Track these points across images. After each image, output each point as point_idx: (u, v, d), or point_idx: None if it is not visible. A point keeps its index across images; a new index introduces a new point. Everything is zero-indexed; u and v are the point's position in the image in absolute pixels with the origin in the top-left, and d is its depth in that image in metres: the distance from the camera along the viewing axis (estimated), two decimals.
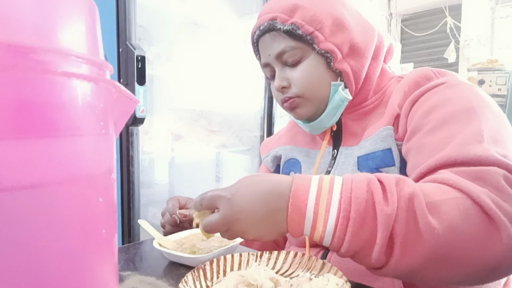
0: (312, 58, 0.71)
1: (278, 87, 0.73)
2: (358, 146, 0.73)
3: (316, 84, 0.72)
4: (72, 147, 0.23)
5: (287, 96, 0.74)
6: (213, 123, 2.06)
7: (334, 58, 0.70)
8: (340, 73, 0.71)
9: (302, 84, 0.71)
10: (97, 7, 0.27)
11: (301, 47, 0.70)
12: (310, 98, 0.73)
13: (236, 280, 0.42)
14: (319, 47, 0.69)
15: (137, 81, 1.37)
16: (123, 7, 1.38)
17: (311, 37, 0.69)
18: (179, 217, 0.70)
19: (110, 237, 0.28)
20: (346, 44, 0.70)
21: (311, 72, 0.71)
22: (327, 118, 0.75)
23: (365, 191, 0.47)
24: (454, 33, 3.53)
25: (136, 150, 1.47)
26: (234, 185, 0.52)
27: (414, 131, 0.62)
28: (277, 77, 0.73)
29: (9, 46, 0.20)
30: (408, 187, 0.47)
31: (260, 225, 0.49)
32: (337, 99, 0.72)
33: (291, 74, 0.73)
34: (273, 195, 0.49)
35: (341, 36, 0.70)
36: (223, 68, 1.96)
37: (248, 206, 0.49)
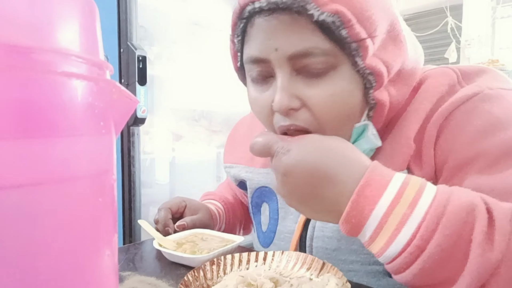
0: (347, 75, 0.46)
1: (283, 107, 0.45)
2: None
3: (345, 116, 0.47)
4: (72, 147, 0.23)
5: (293, 125, 0.47)
6: (214, 123, 2.06)
7: (378, 83, 0.46)
8: (373, 106, 0.48)
9: (327, 111, 0.46)
10: (97, 7, 0.27)
11: (336, 55, 0.45)
12: (332, 133, 0.46)
13: (236, 280, 0.42)
14: (364, 64, 0.45)
15: (138, 81, 1.38)
16: (124, 8, 1.38)
17: (358, 46, 0.44)
18: (174, 228, 0.67)
19: (110, 237, 0.28)
20: (397, 65, 0.48)
21: (343, 96, 0.46)
22: None
23: (462, 221, 0.34)
24: (455, 33, 3.53)
25: (137, 150, 1.47)
26: (295, 140, 0.42)
27: (458, 168, 0.46)
28: (281, 90, 0.46)
29: (9, 46, 0.20)
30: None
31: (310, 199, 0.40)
32: (366, 148, 0.50)
33: (308, 92, 0.46)
34: (330, 178, 0.39)
35: (393, 52, 0.47)
36: (224, 68, 1.96)
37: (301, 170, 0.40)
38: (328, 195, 0.39)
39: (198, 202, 0.77)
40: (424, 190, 0.37)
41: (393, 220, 0.36)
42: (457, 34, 3.55)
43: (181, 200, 0.73)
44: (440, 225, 0.34)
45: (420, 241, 0.34)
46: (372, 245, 0.38)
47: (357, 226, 0.38)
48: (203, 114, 2.06)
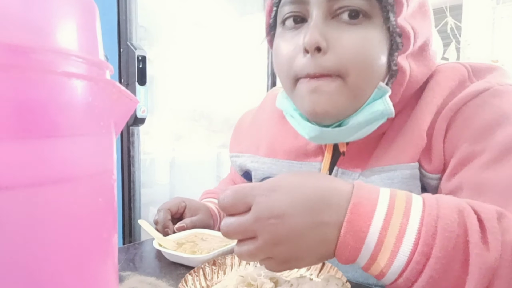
0: (379, 29, 0.47)
1: (312, 43, 0.46)
2: (363, 175, 0.53)
3: (370, 66, 0.47)
4: (72, 147, 0.23)
5: (318, 68, 0.47)
6: (214, 123, 2.06)
7: (404, 47, 0.48)
8: (394, 74, 0.49)
9: (353, 57, 0.46)
10: (97, 7, 0.27)
11: (373, 5, 0.46)
12: (355, 85, 0.47)
13: (236, 280, 0.42)
14: (396, 23, 0.46)
15: (138, 81, 1.38)
16: (124, 8, 1.38)
17: (394, 2, 0.46)
18: (173, 230, 0.67)
19: (110, 237, 0.28)
20: (421, 38, 0.49)
21: (372, 45, 0.47)
22: (350, 132, 0.51)
23: (456, 223, 0.34)
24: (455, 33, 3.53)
25: (137, 150, 1.47)
26: (269, 183, 0.38)
27: (463, 162, 0.46)
28: (314, 28, 0.46)
29: (9, 46, 0.20)
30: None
31: (302, 238, 0.36)
32: (379, 110, 0.49)
33: (339, 34, 0.46)
34: (323, 204, 0.36)
35: (422, 24, 0.49)
36: (223, 68, 1.97)
37: (289, 209, 0.36)
38: (328, 220, 0.36)
39: (198, 202, 0.76)
40: (411, 199, 0.37)
41: (392, 232, 0.35)
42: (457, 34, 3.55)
43: (181, 200, 0.72)
44: (438, 228, 0.34)
45: (424, 247, 0.34)
46: (374, 265, 0.36)
47: (354, 249, 0.36)
48: (203, 114, 2.06)
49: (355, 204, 0.36)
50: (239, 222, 0.37)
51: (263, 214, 0.36)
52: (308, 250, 0.37)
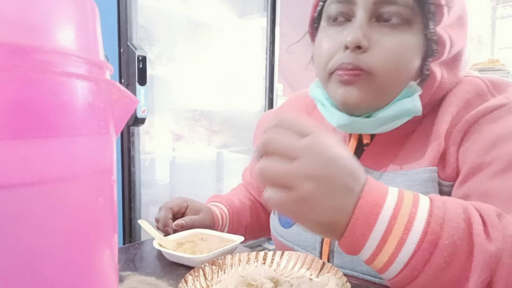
0: (417, 36, 0.50)
1: (354, 41, 0.49)
2: (385, 176, 0.55)
3: (402, 68, 0.51)
4: (72, 147, 0.23)
5: (353, 63, 0.51)
6: (214, 123, 2.06)
7: (439, 54, 0.51)
8: (425, 78, 0.52)
9: (389, 58, 0.50)
10: (97, 6, 0.27)
11: (415, 12, 0.50)
12: (383, 84, 0.51)
13: (236, 280, 0.42)
14: (435, 30, 0.50)
15: (138, 81, 1.38)
16: (124, 7, 1.38)
17: (435, 11, 0.49)
18: (173, 228, 0.67)
19: (110, 237, 0.28)
20: (456, 47, 0.52)
21: (408, 50, 0.50)
22: (377, 123, 0.54)
23: (461, 216, 0.36)
24: None
25: (137, 150, 1.47)
26: (323, 136, 0.38)
27: (472, 172, 0.48)
28: (358, 28, 0.50)
29: (9, 46, 0.20)
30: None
31: (331, 189, 0.36)
32: (407, 107, 0.52)
33: (379, 36, 0.50)
34: (346, 178, 0.37)
35: (459, 35, 0.52)
36: (224, 68, 1.97)
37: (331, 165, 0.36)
38: (343, 182, 0.37)
39: (201, 203, 0.76)
40: (418, 194, 0.39)
41: (401, 221, 0.36)
42: None
43: (183, 200, 0.73)
44: (445, 219, 0.35)
45: (433, 235, 0.35)
46: (379, 256, 0.36)
47: (361, 235, 0.36)
48: (203, 114, 2.06)
49: (367, 191, 0.37)
50: (287, 167, 0.36)
51: (315, 153, 0.36)
52: (328, 203, 0.36)
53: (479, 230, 0.35)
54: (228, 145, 2.06)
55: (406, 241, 0.35)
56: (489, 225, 0.36)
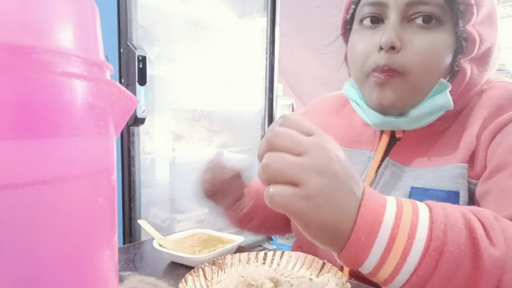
0: (448, 34, 0.52)
1: (389, 42, 0.51)
2: (414, 171, 0.56)
3: (434, 66, 0.53)
4: (72, 147, 0.23)
5: (387, 64, 0.53)
6: (214, 123, 2.06)
7: (468, 51, 0.52)
8: (455, 74, 0.54)
9: (422, 58, 0.52)
10: (97, 6, 0.27)
11: (445, 11, 0.52)
12: (416, 82, 0.53)
13: (236, 280, 0.42)
14: (464, 28, 0.51)
15: (138, 81, 1.38)
16: (124, 7, 1.38)
17: (464, 10, 0.51)
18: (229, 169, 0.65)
19: (110, 237, 0.28)
20: (485, 44, 0.54)
21: (439, 48, 0.52)
22: (412, 121, 0.56)
23: (461, 221, 0.35)
24: None
25: (137, 150, 1.47)
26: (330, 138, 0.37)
27: (496, 170, 0.50)
28: (391, 29, 0.52)
29: (9, 46, 0.20)
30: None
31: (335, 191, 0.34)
32: (439, 103, 0.54)
33: (412, 36, 0.52)
34: (351, 180, 0.36)
35: (488, 31, 0.54)
36: (224, 68, 1.97)
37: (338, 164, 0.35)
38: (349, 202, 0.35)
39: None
40: (416, 201, 0.38)
41: (404, 229, 0.34)
42: None
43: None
44: (447, 225, 0.34)
45: (437, 241, 0.34)
46: (383, 267, 0.35)
47: (363, 248, 0.35)
48: (203, 114, 2.06)
49: (366, 199, 0.36)
50: (294, 160, 0.34)
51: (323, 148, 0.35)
52: (335, 203, 0.34)
53: (482, 235, 0.34)
54: (228, 145, 2.06)
55: (411, 250, 0.34)
56: (490, 229, 0.35)
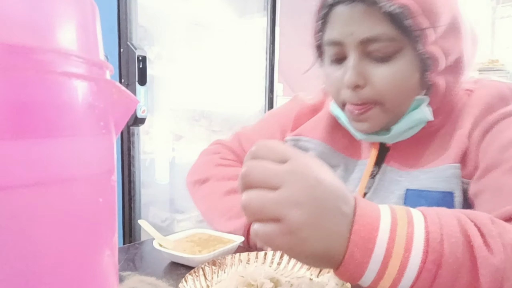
0: (408, 58, 0.53)
1: (352, 83, 0.54)
2: (410, 174, 0.58)
3: (402, 92, 0.54)
4: (72, 147, 0.23)
5: (359, 101, 0.55)
6: (214, 123, 2.06)
7: (434, 67, 0.53)
8: (430, 86, 0.55)
9: (387, 88, 0.54)
10: (97, 6, 0.27)
11: (400, 41, 0.52)
12: (390, 108, 0.55)
13: (236, 280, 0.42)
14: (424, 49, 0.52)
15: (138, 81, 1.38)
16: (124, 7, 1.38)
17: (420, 34, 0.51)
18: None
19: (110, 237, 0.28)
20: (454, 54, 0.54)
21: (402, 76, 0.53)
22: (394, 137, 0.59)
23: (458, 229, 0.34)
24: None
25: (137, 150, 1.47)
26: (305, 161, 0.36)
27: (489, 168, 0.50)
28: (352, 69, 0.54)
29: (9, 46, 0.20)
30: (511, 232, 0.35)
31: (319, 219, 0.33)
32: (417, 118, 0.56)
33: (373, 71, 0.54)
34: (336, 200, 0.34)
35: (453, 42, 0.54)
36: (224, 68, 1.97)
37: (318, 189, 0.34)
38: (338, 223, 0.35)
39: None
40: (410, 210, 0.37)
41: (400, 242, 0.34)
42: None
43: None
44: (444, 235, 0.34)
45: (434, 254, 0.33)
46: (381, 282, 0.34)
47: (360, 263, 0.34)
48: (203, 114, 2.06)
49: (359, 215, 0.35)
50: (270, 196, 0.33)
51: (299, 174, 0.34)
52: (321, 230, 0.33)
53: (479, 243, 0.34)
54: None
55: (408, 264, 0.33)
56: (487, 236, 0.34)
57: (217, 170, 0.74)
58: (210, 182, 0.72)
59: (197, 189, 0.74)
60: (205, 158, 0.79)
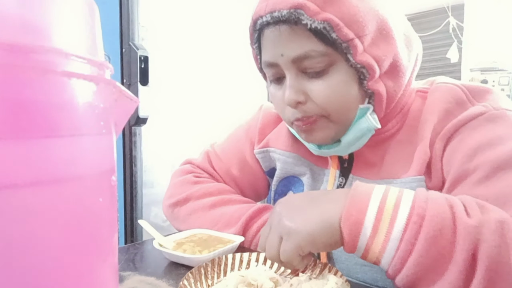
0: (343, 70, 0.54)
1: (291, 101, 0.55)
2: (377, 184, 0.58)
3: (343, 103, 0.55)
4: (72, 147, 0.23)
5: (304, 116, 0.56)
6: (215, 124, 2.06)
7: (370, 75, 0.53)
8: (371, 94, 0.55)
9: (326, 101, 0.54)
10: (97, 6, 0.27)
11: (331, 54, 0.52)
12: (335, 120, 0.56)
13: (236, 280, 0.42)
14: (355, 60, 0.52)
15: (140, 82, 1.38)
16: (126, 7, 1.39)
17: (348, 45, 0.51)
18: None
19: (110, 237, 0.28)
20: (388, 59, 0.54)
21: (340, 88, 0.54)
22: (345, 147, 0.60)
23: (444, 201, 0.39)
24: (457, 33, 3.52)
25: (138, 150, 1.47)
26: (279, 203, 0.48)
27: (457, 180, 0.50)
28: (290, 87, 0.55)
29: (9, 46, 0.20)
30: (495, 212, 0.38)
31: (312, 222, 0.42)
32: (364, 127, 0.56)
33: (311, 87, 0.54)
34: (325, 197, 0.44)
35: (384, 48, 0.53)
36: (225, 69, 1.97)
37: (293, 209, 0.45)
38: (323, 206, 0.43)
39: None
40: (404, 190, 0.42)
41: (390, 202, 0.40)
42: (458, 34, 3.54)
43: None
44: (429, 199, 0.39)
45: (419, 209, 0.38)
46: (376, 236, 0.39)
47: (356, 224, 0.40)
48: (204, 115, 2.06)
49: (352, 195, 0.42)
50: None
51: (276, 210, 0.46)
52: (321, 234, 0.42)
53: (460, 209, 0.38)
54: None
55: (397, 217, 0.39)
56: (468, 207, 0.39)
57: (195, 188, 0.73)
58: (192, 201, 0.72)
59: (178, 210, 0.73)
60: (179, 179, 0.78)
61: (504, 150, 0.47)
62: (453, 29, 3.55)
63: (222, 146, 0.83)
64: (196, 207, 0.70)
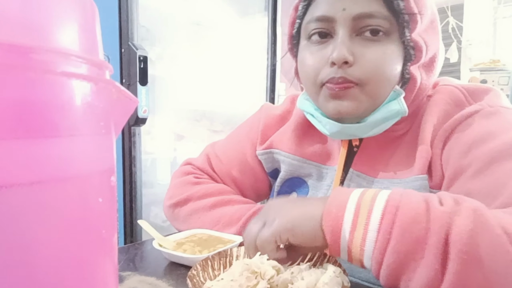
0: (396, 44, 0.54)
1: (341, 58, 0.52)
2: (380, 183, 0.59)
3: (387, 77, 0.54)
4: (72, 147, 0.23)
5: (341, 77, 0.54)
6: (216, 123, 2.06)
7: (416, 58, 0.54)
8: (406, 81, 0.56)
9: (374, 68, 0.53)
10: (97, 6, 0.27)
11: (391, 23, 0.53)
12: (372, 92, 0.55)
13: (241, 267, 0.43)
14: (410, 37, 0.53)
15: (140, 82, 1.38)
16: (125, 7, 1.38)
17: (409, 20, 0.52)
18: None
19: (110, 237, 0.28)
20: (431, 50, 0.55)
21: (390, 59, 0.54)
22: (369, 127, 0.58)
23: (420, 195, 0.41)
24: (456, 33, 3.52)
25: (138, 150, 1.47)
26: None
27: (454, 176, 0.51)
28: (342, 44, 0.53)
29: (9, 46, 0.20)
30: (469, 202, 0.39)
31: (294, 212, 0.45)
32: (394, 109, 0.56)
33: (364, 50, 0.53)
34: (309, 200, 0.48)
35: (432, 37, 0.55)
36: (225, 68, 1.97)
37: (281, 205, 0.47)
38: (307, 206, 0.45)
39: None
40: (380, 189, 0.43)
41: (367, 198, 0.41)
42: (458, 34, 3.54)
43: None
44: (404, 193, 0.40)
45: (394, 201, 0.40)
46: (356, 229, 0.40)
47: (336, 219, 0.41)
48: (204, 114, 2.06)
49: (332, 196, 0.43)
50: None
51: (262, 213, 0.48)
52: (305, 226, 0.43)
53: (434, 200, 0.39)
54: None
55: (373, 209, 0.40)
56: (442, 198, 0.40)
57: (196, 188, 0.73)
58: (192, 201, 0.72)
59: (178, 210, 0.73)
60: (179, 180, 0.78)
61: (497, 143, 0.48)
62: (452, 29, 3.55)
63: (222, 147, 0.82)
64: (196, 208, 0.70)
